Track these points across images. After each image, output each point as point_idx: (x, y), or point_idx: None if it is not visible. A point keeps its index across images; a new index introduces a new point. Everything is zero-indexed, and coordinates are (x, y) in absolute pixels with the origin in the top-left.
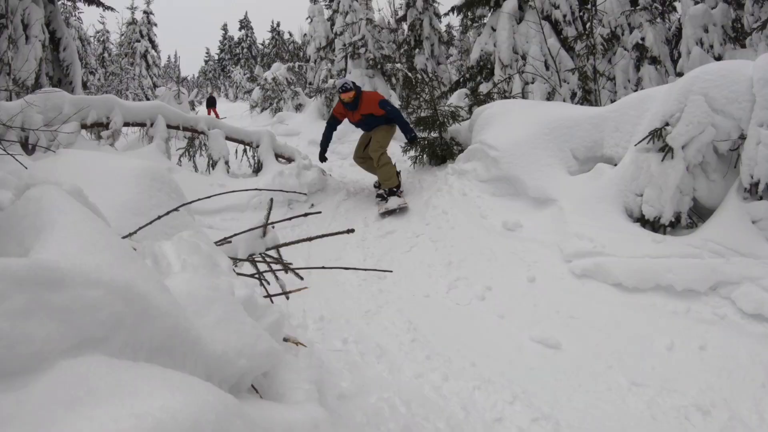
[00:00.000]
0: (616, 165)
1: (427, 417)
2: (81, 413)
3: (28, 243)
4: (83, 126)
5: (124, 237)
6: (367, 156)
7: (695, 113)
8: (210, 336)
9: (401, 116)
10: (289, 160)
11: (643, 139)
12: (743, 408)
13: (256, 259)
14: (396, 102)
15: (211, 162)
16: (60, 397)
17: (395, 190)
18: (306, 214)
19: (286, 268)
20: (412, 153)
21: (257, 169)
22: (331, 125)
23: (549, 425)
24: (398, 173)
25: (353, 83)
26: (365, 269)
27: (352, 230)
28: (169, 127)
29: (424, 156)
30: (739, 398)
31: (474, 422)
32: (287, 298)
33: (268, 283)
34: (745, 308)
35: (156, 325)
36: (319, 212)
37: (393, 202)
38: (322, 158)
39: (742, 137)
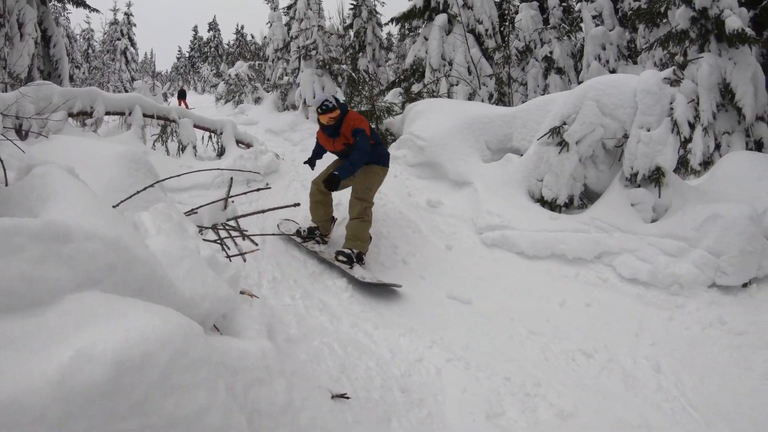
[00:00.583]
0: (522, 155)
1: (360, 357)
2: (86, 330)
3: (37, 211)
4: (70, 115)
5: None
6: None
7: (588, 115)
8: (180, 284)
9: (361, 154)
10: (248, 145)
11: (545, 134)
12: (620, 352)
13: (218, 227)
14: (341, 97)
15: (181, 147)
16: (70, 321)
17: (363, 256)
18: (258, 189)
19: (243, 234)
20: None
21: (221, 153)
22: (320, 146)
23: (460, 364)
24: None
25: (337, 100)
26: (306, 237)
27: (298, 204)
28: (145, 116)
29: None
30: (616, 345)
31: (399, 362)
32: (244, 260)
33: (229, 248)
34: (623, 273)
35: (139, 270)
36: (269, 188)
37: (359, 273)
38: (309, 164)
39: (626, 136)
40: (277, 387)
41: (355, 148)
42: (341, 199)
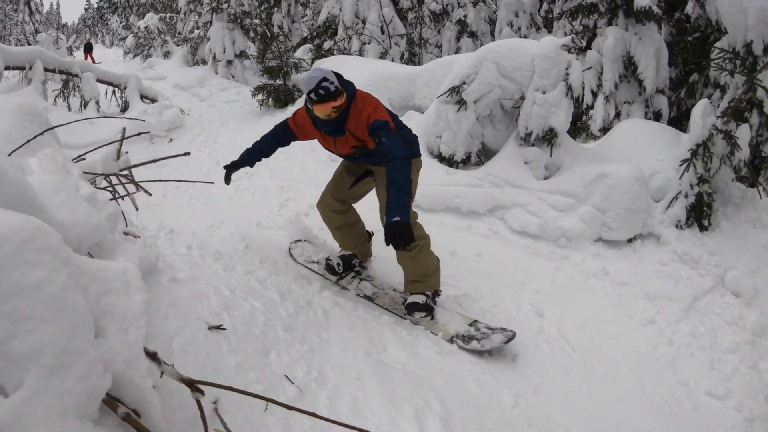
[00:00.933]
0: (423, 113)
1: (247, 299)
2: None
3: None
4: None
5: None
6: (346, 199)
7: (487, 76)
8: (54, 211)
9: (403, 165)
10: (153, 100)
11: (444, 93)
12: (505, 298)
13: (109, 175)
14: (252, 53)
15: (83, 102)
16: None
17: (439, 293)
18: (139, 134)
19: (134, 182)
20: (260, 96)
21: (124, 108)
22: (279, 137)
23: (348, 307)
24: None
25: (339, 78)
26: (194, 181)
27: (188, 153)
28: (46, 70)
29: (270, 100)
30: (503, 291)
31: (288, 305)
32: (137, 208)
33: (122, 197)
34: (513, 226)
35: (10, 187)
36: (148, 132)
37: (453, 326)
38: (226, 174)
39: (522, 98)
40: (135, 298)
41: (389, 158)
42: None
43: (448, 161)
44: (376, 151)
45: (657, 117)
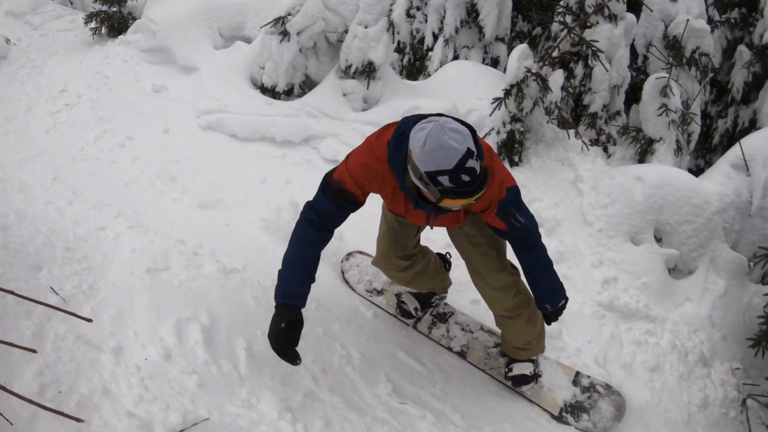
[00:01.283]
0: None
1: (33, 223)
2: None
3: None
4: None
5: None
6: (411, 252)
7: (311, 8)
8: None
9: (543, 247)
10: None
11: (269, 23)
12: None
13: None
14: None
15: None
16: None
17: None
18: None
19: None
20: (93, 24)
21: None
22: (331, 221)
23: (140, 230)
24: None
25: (475, 139)
26: None
27: None
28: None
29: (103, 29)
30: None
31: (79, 230)
32: None
33: None
34: (325, 155)
35: None
36: None
37: (560, 395)
38: (293, 340)
39: (346, 31)
40: None
41: (531, 242)
42: None
43: (272, 92)
44: (503, 232)
45: (495, 63)
